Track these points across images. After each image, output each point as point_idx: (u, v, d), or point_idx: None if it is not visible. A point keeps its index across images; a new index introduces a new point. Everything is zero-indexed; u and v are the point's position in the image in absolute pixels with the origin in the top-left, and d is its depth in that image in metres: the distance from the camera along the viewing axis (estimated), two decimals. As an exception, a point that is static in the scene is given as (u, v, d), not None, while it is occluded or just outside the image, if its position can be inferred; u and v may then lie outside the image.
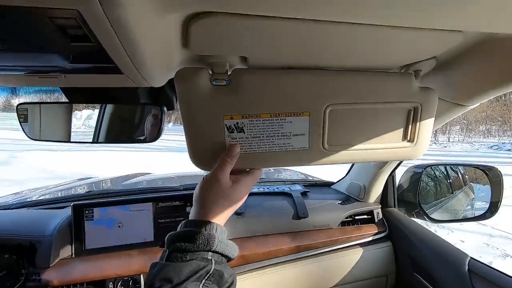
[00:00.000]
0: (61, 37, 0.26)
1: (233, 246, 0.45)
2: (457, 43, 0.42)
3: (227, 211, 0.46)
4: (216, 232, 0.42)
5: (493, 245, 2.93)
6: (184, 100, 0.45)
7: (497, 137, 12.43)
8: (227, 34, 0.36)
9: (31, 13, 0.22)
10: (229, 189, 0.46)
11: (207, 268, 0.39)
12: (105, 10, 0.22)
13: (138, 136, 0.75)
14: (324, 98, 0.48)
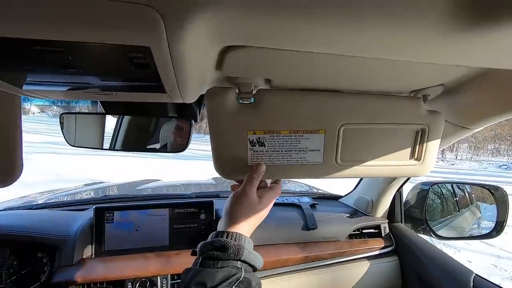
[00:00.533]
0: (127, 65, 0.31)
1: (259, 257, 0.48)
2: (462, 74, 0.46)
3: (254, 224, 0.51)
4: (245, 243, 0.46)
5: (501, 266, 2.88)
6: (213, 115, 0.50)
7: (506, 156, 12.24)
8: (255, 61, 0.41)
9: (107, 46, 0.27)
10: (256, 204, 0.51)
11: (238, 275, 0.42)
12: (170, 46, 0.28)
13: (152, 145, 0.81)
14: (339, 117, 0.53)
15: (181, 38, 0.27)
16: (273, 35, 0.32)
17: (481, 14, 0.26)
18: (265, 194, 0.53)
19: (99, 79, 0.36)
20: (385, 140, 0.56)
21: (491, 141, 13.22)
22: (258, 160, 0.54)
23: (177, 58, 0.30)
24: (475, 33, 0.29)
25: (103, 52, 0.28)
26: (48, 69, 0.33)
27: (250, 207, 0.50)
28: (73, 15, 0.23)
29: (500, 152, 12.87)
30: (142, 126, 0.79)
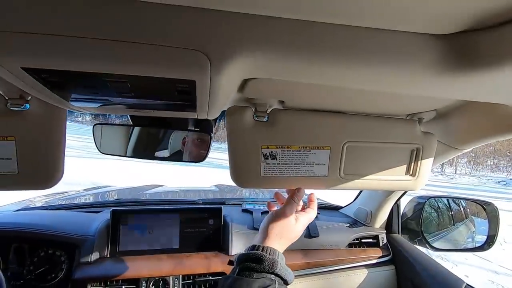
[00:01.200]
0: (173, 92, 0.38)
1: (290, 272, 0.51)
2: (452, 102, 0.53)
3: (287, 243, 0.56)
4: (278, 258, 0.50)
5: (498, 282, 2.90)
6: (232, 130, 0.57)
7: (506, 172, 12.27)
8: (272, 88, 0.48)
9: (161, 79, 0.34)
10: (293, 225, 0.57)
11: (272, 286, 0.46)
12: (212, 79, 0.35)
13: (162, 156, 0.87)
14: (343, 136, 0.59)
15: (222, 75, 0.34)
16: (294, 71, 0.39)
17: (462, 61, 0.33)
18: (300, 217, 0.59)
19: (145, 102, 0.43)
20: (384, 157, 0.62)
21: (490, 156, 13.28)
22: (270, 172, 0.60)
23: (214, 88, 0.37)
24: (459, 75, 0.35)
25: (157, 83, 0.35)
26: (106, 94, 0.40)
27: (286, 226, 0.56)
28: (140, 57, 0.30)
29: (500, 168, 12.91)
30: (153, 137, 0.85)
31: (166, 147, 0.74)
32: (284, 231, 0.55)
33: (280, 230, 0.55)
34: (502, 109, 0.50)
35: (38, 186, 0.53)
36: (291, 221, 0.57)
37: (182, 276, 0.85)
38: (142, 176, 5.90)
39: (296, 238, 0.57)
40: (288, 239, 0.56)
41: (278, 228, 0.55)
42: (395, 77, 0.37)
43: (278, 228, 0.55)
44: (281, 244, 0.54)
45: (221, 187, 1.84)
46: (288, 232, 0.55)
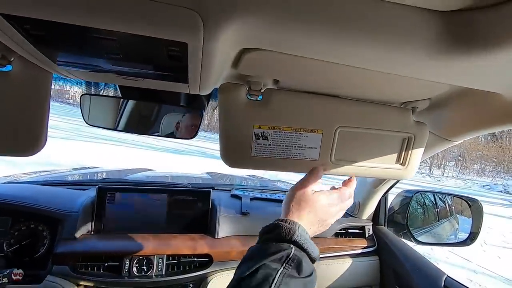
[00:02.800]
0: (164, 56, 0.37)
1: (314, 246, 0.49)
2: (446, 91, 0.53)
3: (309, 217, 0.53)
4: (298, 229, 0.48)
5: (476, 281, 2.99)
6: (223, 109, 0.56)
7: (491, 177, 12.59)
8: (267, 63, 0.47)
9: (152, 39, 0.32)
10: (309, 194, 0.54)
11: (288, 251, 0.44)
12: (204, 44, 0.33)
13: (153, 131, 0.86)
14: (336, 120, 0.59)
15: (215, 39, 0.32)
16: (288, 42, 0.37)
17: (458, 41, 0.33)
18: (323, 190, 0.57)
19: (134, 66, 0.41)
20: (375, 144, 0.62)
21: (477, 161, 13.58)
22: (261, 153, 0.59)
23: (207, 55, 0.36)
24: (455, 57, 0.35)
25: (147, 43, 0.34)
26: (93, 53, 0.38)
27: (303, 196, 0.54)
28: (131, 11, 0.28)
29: (485, 173, 13.21)
30: (143, 111, 0.83)
31: (158, 123, 0.72)
32: (301, 201, 0.53)
33: (297, 201, 0.53)
34: (497, 99, 0.50)
35: (18, 153, 0.51)
36: (308, 191, 0.55)
37: (166, 255, 0.84)
38: (133, 162, 5.84)
39: (320, 209, 0.54)
40: (309, 211, 0.53)
41: (295, 200, 0.54)
42: (391, 54, 0.37)
43: (295, 199, 0.54)
44: (301, 216, 0.52)
45: (213, 174, 1.83)
46: (306, 202, 0.53)
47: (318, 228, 0.54)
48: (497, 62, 0.35)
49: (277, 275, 0.41)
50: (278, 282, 0.40)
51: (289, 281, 0.41)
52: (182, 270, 0.85)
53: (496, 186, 10.29)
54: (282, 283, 0.40)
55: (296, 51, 0.40)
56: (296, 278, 0.42)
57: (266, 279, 0.41)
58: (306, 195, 0.54)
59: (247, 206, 1.04)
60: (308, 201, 0.53)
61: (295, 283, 0.42)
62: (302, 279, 0.43)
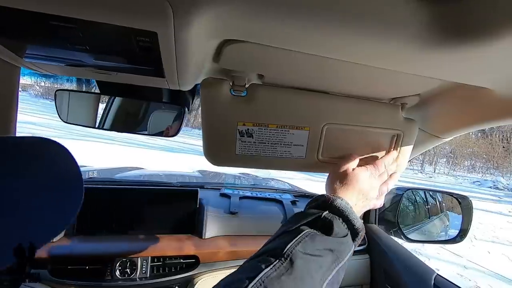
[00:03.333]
0: (133, 47, 0.34)
1: (357, 216, 0.48)
2: (436, 87, 0.51)
3: (353, 193, 0.52)
4: (340, 200, 0.47)
5: (466, 276, 3.03)
6: (206, 104, 0.53)
7: (481, 173, 12.82)
8: (250, 57, 0.45)
9: (117, 28, 0.30)
10: (351, 176, 0.54)
11: (318, 214, 0.45)
12: (176, 34, 0.31)
13: (141, 129, 0.83)
14: (323, 117, 0.57)
15: (187, 27, 0.30)
16: (269, 33, 0.35)
17: (446, 33, 0.31)
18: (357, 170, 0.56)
19: (103, 58, 0.39)
20: (364, 142, 0.60)
21: (468, 158, 13.79)
22: (246, 150, 0.57)
23: (180, 46, 0.33)
24: (444, 50, 0.33)
25: (112, 32, 0.31)
26: (56, 44, 0.35)
27: (347, 178, 0.54)
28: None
29: (475, 169, 13.44)
30: (132, 109, 0.81)
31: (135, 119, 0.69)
32: (343, 180, 0.54)
33: (339, 180, 0.54)
34: (487, 95, 0.49)
35: None
36: (349, 169, 0.55)
37: (151, 257, 0.82)
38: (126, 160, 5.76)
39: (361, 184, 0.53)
40: (353, 188, 0.53)
41: (337, 179, 0.54)
42: (377, 46, 0.35)
43: (337, 179, 0.54)
44: (345, 193, 0.52)
45: (204, 173, 1.80)
46: (347, 180, 0.53)
47: (363, 203, 0.54)
48: (487, 56, 0.34)
49: (303, 232, 0.42)
50: (302, 237, 0.41)
51: (314, 237, 0.42)
52: (168, 272, 0.83)
53: (486, 182, 10.48)
54: (308, 237, 0.41)
55: (277, 42, 0.38)
56: (323, 237, 0.43)
57: (292, 236, 0.41)
58: (346, 172, 0.55)
59: (236, 205, 1.02)
60: (348, 178, 0.53)
61: (321, 241, 0.42)
62: (331, 238, 0.43)
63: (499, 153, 13.14)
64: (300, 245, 0.40)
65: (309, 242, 0.40)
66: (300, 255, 0.38)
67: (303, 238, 0.41)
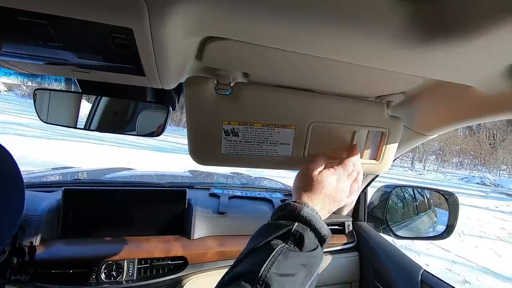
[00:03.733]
0: (109, 44, 0.33)
1: (323, 224, 0.47)
2: (420, 84, 0.52)
3: (319, 197, 0.51)
4: (306, 207, 0.47)
5: (455, 271, 3.09)
6: (190, 103, 0.52)
7: (469, 170, 13.10)
8: (234, 55, 0.44)
9: (91, 24, 0.29)
10: (317, 180, 0.52)
11: (290, 227, 0.44)
12: (152, 31, 0.30)
13: (130, 129, 0.81)
14: (309, 115, 0.56)
15: (163, 24, 0.29)
16: (251, 31, 0.34)
17: (428, 31, 0.31)
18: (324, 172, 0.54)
19: (79, 56, 0.37)
20: (350, 139, 0.60)
21: (456, 155, 14.08)
22: (232, 149, 0.57)
23: (158, 43, 0.32)
24: (426, 48, 0.33)
25: (86, 29, 0.30)
26: (28, 41, 0.34)
27: (313, 182, 0.52)
28: None
29: (464, 166, 13.74)
30: (119, 109, 0.79)
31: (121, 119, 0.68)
32: (308, 184, 0.52)
33: (304, 184, 0.53)
34: (470, 92, 0.49)
35: None
36: (314, 173, 0.53)
37: (138, 259, 0.80)
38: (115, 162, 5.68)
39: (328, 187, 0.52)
40: (318, 192, 0.52)
41: (303, 183, 0.53)
42: (358, 44, 0.34)
43: (303, 183, 0.53)
44: (310, 198, 0.51)
45: (195, 173, 1.78)
46: (313, 184, 0.52)
47: (331, 206, 0.53)
48: (466, 53, 0.34)
49: (276, 249, 0.41)
50: (276, 255, 0.41)
51: (288, 254, 0.41)
52: (155, 274, 0.81)
53: (473, 178, 10.72)
54: (281, 255, 0.41)
55: (260, 40, 0.37)
56: (295, 252, 0.42)
57: (265, 253, 0.41)
58: (312, 176, 0.53)
59: (225, 205, 1.01)
60: (314, 183, 0.52)
61: (294, 256, 0.42)
62: (303, 253, 0.43)
63: (486, 150, 13.46)
64: (274, 266, 0.39)
65: (282, 261, 0.40)
66: (275, 278, 0.38)
67: (276, 257, 0.40)
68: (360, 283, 1.05)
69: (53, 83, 14.33)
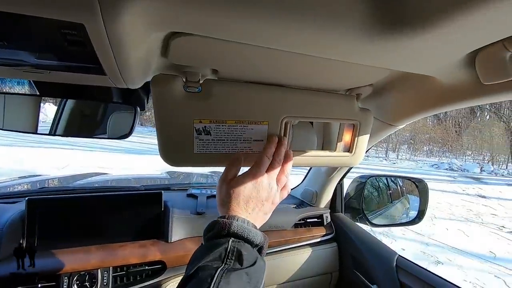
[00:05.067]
0: (61, 41, 0.31)
1: (255, 232, 0.46)
2: (386, 76, 0.53)
3: (244, 204, 0.49)
4: (236, 220, 0.45)
5: (428, 253, 3.27)
6: (158, 103, 0.50)
7: (438, 157, 13.88)
8: (201, 50, 0.43)
9: (41, 20, 0.26)
10: (236, 186, 0.50)
11: (225, 245, 0.42)
12: (106, 26, 0.28)
13: (100, 132, 0.78)
14: (281, 111, 0.56)
15: (117, 18, 0.27)
16: (215, 25, 0.33)
17: (387, 23, 0.31)
18: (240, 177, 0.52)
19: (30, 55, 0.34)
20: (323, 133, 0.61)
21: (426, 143, 14.87)
22: (205, 149, 0.55)
23: (115, 39, 0.30)
24: (387, 39, 0.34)
25: (33, 25, 0.28)
26: None
27: (233, 190, 0.50)
28: None
29: (433, 153, 14.55)
30: (87, 111, 0.75)
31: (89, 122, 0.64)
32: (230, 193, 0.50)
33: (226, 194, 0.50)
34: (432, 82, 0.51)
35: None
36: (231, 180, 0.51)
37: (113, 268, 0.77)
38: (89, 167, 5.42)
39: (250, 190, 0.50)
40: (241, 198, 0.49)
41: (224, 194, 0.50)
42: (320, 37, 0.35)
43: (224, 193, 0.50)
44: (236, 207, 0.48)
45: (174, 174, 1.74)
46: (234, 191, 0.50)
47: (261, 208, 0.51)
48: (425, 44, 0.35)
49: (216, 272, 0.39)
50: (217, 279, 0.38)
51: (229, 275, 0.39)
52: (132, 281, 0.79)
53: (442, 164, 11.37)
54: (223, 278, 0.39)
55: (223, 35, 0.36)
56: (237, 270, 0.41)
57: (205, 279, 0.39)
58: (231, 185, 0.51)
59: (203, 205, 1.00)
60: (235, 189, 0.50)
61: (236, 276, 0.40)
62: (244, 269, 0.41)
63: (452, 137, 14.32)
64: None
65: (224, 286, 0.38)
66: None
67: (217, 284, 0.38)
68: (339, 272, 1.07)
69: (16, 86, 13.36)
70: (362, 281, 0.95)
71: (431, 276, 0.79)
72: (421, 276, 0.80)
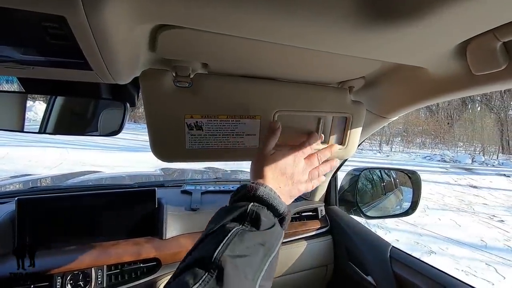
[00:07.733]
0: (43, 35, 0.29)
1: (280, 201, 0.46)
2: (377, 68, 0.53)
3: (275, 176, 0.50)
4: (263, 187, 0.46)
5: (422, 243, 3.32)
6: (148, 98, 0.49)
7: (430, 149, 14.07)
8: (190, 43, 0.42)
9: (19, 12, 0.25)
10: (272, 159, 0.51)
11: (244, 207, 0.43)
12: (88, 18, 0.27)
13: (91, 130, 0.76)
14: (273, 104, 0.56)
15: (100, 10, 0.26)
16: (202, 17, 0.33)
17: (377, 14, 0.31)
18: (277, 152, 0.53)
19: (11, 50, 0.33)
20: (315, 127, 0.61)
21: (419, 135, 15.04)
22: (197, 144, 0.55)
23: (99, 32, 0.29)
24: (376, 30, 0.34)
25: (13, 18, 0.26)
26: None
27: (265, 162, 0.51)
28: None
29: (426, 145, 14.73)
30: (77, 108, 0.74)
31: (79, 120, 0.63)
32: (264, 164, 0.51)
33: (260, 165, 0.51)
34: (423, 74, 0.51)
35: None
36: (268, 153, 0.53)
37: (107, 266, 0.76)
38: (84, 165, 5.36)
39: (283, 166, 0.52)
40: (274, 171, 0.51)
41: (258, 164, 0.51)
42: (309, 29, 0.34)
43: (258, 164, 0.52)
44: (267, 178, 0.50)
45: (168, 171, 1.73)
46: (268, 164, 0.51)
47: (289, 187, 0.52)
48: (415, 34, 0.34)
49: (231, 231, 0.40)
50: (230, 238, 0.39)
51: (244, 234, 0.40)
52: (127, 279, 0.78)
53: (435, 156, 11.53)
54: (237, 236, 0.39)
55: (211, 27, 0.35)
56: (252, 232, 0.41)
57: (220, 234, 0.40)
58: (267, 157, 0.52)
59: (197, 201, 0.99)
60: (269, 162, 0.51)
61: (251, 236, 0.41)
62: (259, 232, 0.42)
63: (444, 129, 14.51)
64: (229, 249, 0.38)
65: (237, 243, 0.39)
66: (229, 260, 0.36)
67: (231, 239, 0.39)
68: (334, 265, 1.08)
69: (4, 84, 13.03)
70: (357, 272, 0.96)
71: (424, 266, 0.80)
72: (415, 266, 0.81)
